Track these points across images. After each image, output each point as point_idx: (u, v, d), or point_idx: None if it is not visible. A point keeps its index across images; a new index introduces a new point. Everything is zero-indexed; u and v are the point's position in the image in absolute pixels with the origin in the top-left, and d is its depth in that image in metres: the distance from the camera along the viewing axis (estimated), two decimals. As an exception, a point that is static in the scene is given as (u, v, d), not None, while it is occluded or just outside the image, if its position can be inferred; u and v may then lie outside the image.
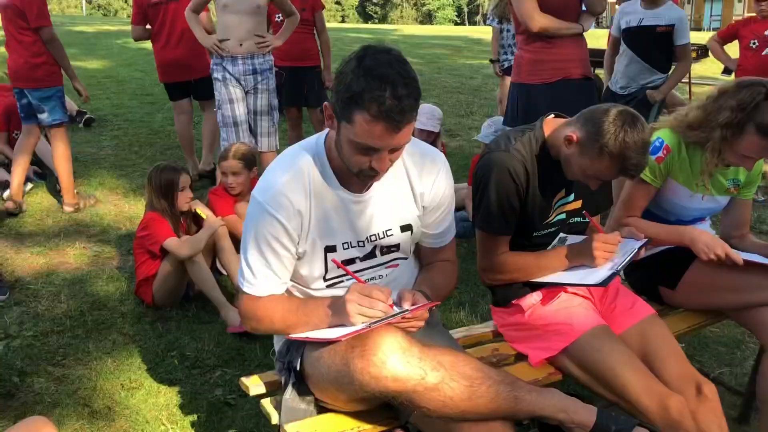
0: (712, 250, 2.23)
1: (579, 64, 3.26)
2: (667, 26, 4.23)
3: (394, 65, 1.49)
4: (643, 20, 4.22)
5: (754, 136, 2.16)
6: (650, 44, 4.30)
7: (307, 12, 4.97)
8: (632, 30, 4.30)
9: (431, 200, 1.81)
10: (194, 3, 4.28)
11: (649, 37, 4.27)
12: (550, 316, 2.10)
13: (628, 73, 4.44)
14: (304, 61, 5.11)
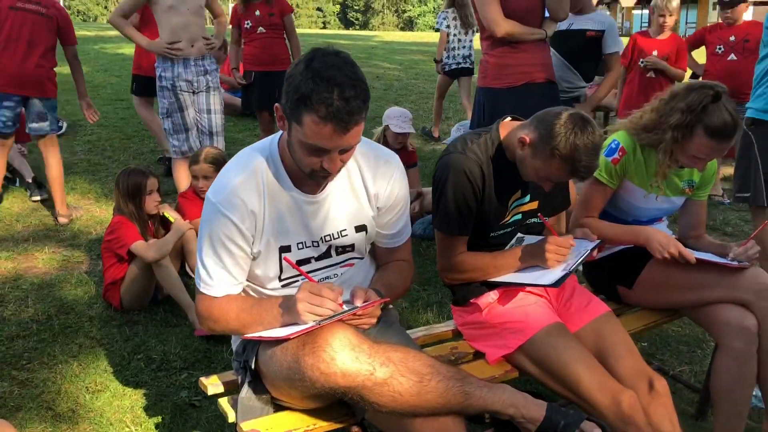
0: (666, 249, 2.29)
1: (543, 69, 3.32)
2: (597, 31, 4.11)
3: (342, 68, 1.52)
4: (572, 24, 4.10)
5: (703, 137, 2.22)
6: (579, 49, 4.16)
7: (276, 16, 5.01)
8: (561, 33, 4.07)
9: (386, 201, 1.84)
10: (125, 8, 4.19)
11: (578, 42, 4.14)
12: (506, 315, 2.14)
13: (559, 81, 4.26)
14: (275, 66, 5.12)
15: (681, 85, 2.34)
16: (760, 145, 3.30)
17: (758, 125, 3.30)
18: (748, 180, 3.36)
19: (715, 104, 2.19)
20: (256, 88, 5.08)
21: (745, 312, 2.25)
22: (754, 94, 3.35)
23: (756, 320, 2.25)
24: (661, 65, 5.17)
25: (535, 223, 2.29)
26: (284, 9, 5.16)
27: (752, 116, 3.32)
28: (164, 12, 4.11)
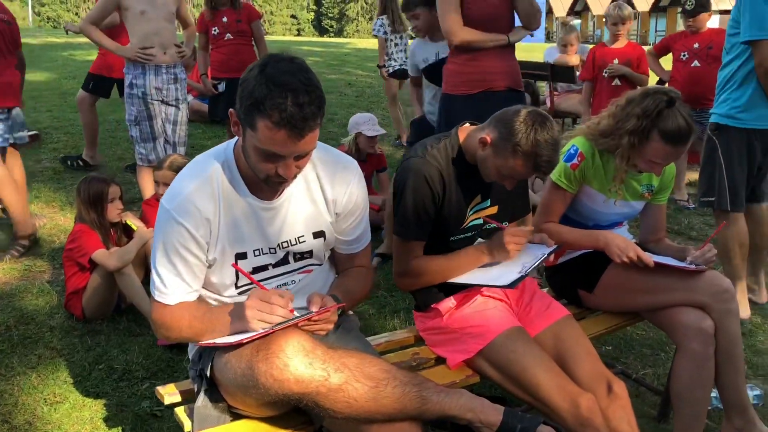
0: (625, 253, 2.31)
1: (503, 77, 3.34)
2: None
3: (296, 74, 1.52)
4: (439, 53, 4.06)
5: (658, 142, 2.25)
6: None
7: (244, 23, 4.98)
8: (433, 66, 4.08)
9: (344, 207, 1.84)
10: (94, 15, 4.13)
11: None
12: (466, 319, 2.15)
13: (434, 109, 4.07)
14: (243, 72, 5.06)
15: (637, 90, 2.37)
16: (723, 149, 3.36)
17: (722, 130, 3.36)
18: (713, 184, 3.41)
19: (669, 109, 2.23)
20: (224, 95, 5.03)
21: (703, 314, 2.29)
22: (718, 100, 3.41)
23: (713, 322, 2.28)
24: (624, 71, 5.31)
25: (496, 228, 2.30)
26: (252, 15, 5.13)
27: (716, 121, 3.38)
28: (135, 18, 4.08)
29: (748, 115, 3.30)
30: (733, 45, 3.32)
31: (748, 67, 3.24)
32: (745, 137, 3.35)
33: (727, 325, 2.29)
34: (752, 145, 3.38)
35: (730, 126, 3.34)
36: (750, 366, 3.10)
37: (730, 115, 3.33)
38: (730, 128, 3.34)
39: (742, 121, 3.31)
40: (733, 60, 3.32)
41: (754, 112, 3.30)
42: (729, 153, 3.36)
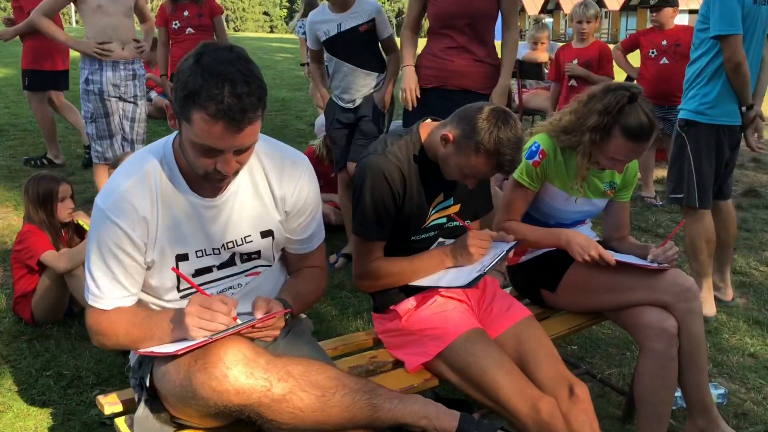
0: (586, 252, 2.26)
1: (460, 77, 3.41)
2: (368, 23, 3.76)
3: (234, 63, 1.43)
4: (341, 25, 3.75)
5: (620, 139, 2.20)
6: (359, 48, 3.81)
7: (205, 17, 4.86)
8: (334, 39, 3.80)
9: (294, 205, 1.75)
10: (46, 7, 3.98)
11: (355, 41, 3.78)
12: (425, 321, 2.08)
13: (347, 84, 3.87)
14: None
15: (598, 86, 2.32)
16: (692, 145, 3.34)
17: (691, 126, 3.34)
18: (682, 181, 3.38)
19: (631, 105, 2.18)
20: None
21: (665, 314, 2.24)
22: (686, 96, 3.39)
23: (676, 321, 2.24)
24: (580, 71, 5.12)
25: (459, 226, 2.23)
26: (214, 10, 5.00)
27: (685, 117, 3.36)
28: (92, 12, 3.93)
29: (717, 110, 3.28)
30: (702, 40, 3.30)
31: (717, 63, 3.23)
32: (714, 133, 3.33)
33: (690, 325, 2.25)
34: (720, 141, 3.37)
35: (699, 122, 3.31)
36: (715, 364, 3.08)
37: (699, 111, 3.31)
38: (699, 124, 3.32)
39: (711, 117, 3.29)
40: (702, 56, 3.30)
41: (723, 108, 3.29)
42: (698, 149, 3.34)
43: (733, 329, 3.43)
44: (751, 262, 4.32)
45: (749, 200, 5.74)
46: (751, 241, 4.72)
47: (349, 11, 3.71)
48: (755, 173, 6.65)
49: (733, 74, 3.19)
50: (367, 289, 2.17)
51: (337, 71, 3.86)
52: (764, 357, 3.17)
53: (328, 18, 3.77)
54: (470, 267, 2.07)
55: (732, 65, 3.16)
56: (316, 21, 3.83)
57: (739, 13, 3.11)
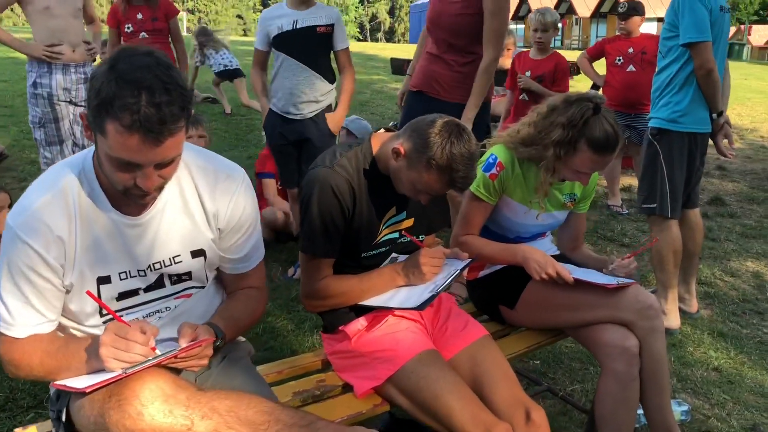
0: (543, 269, 2.17)
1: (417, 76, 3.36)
2: (326, 26, 3.54)
3: (152, 69, 1.30)
4: (298, 22, 3.50)
5: (586, 152, 2.12)
6: (313, 48, 3.55)
7: (160, 20, 4.64)
8: (288, 34, 3.50)
9: (228, 222, 1.63)
10: None
11: (310, 40, 3.54)
12: (376, 343, 1.96)
13: (295, 86, 3.55)
14: None
15: (558, 98, 2.22)
16: (665, 154, 3.28)
17: (663, 134, 3.27)
18: (655, 190, 3.32)
19: (596, 117, 2.10)
20: None
21: (627, 332, 2.16)
22: (657, 105, 3.32)
23: (637, 340, 2.16)
24: (533, 86, 4.77)
25: (411, 242, 2.13)
26: (170, 12, 4.80)
27: (657, 126, 3.29)
28: (39, 14, 3.75)
29: (689, 118, 3.23)
30: (670, 48, 3.24)
31: (687, 70, 3.19)
32: (686, 141, 3.28)
33: (652, 344, 2.17)
34: (692, 148, 3.32)
35: (672, 130, 3.25)
36: (679, 379, 3.01)
37: (671, 119, 3.25)
38: (671, 132, 3.26)
39: (684, 124, 3.24)
40: (672, 63, 3.24)
41: (695, 115, 3.24)
42: (670, 157, 3.28)
43: (697, 342, 3.38)
44: (715, 272, 4.29)
45: (715, 209, 5.74)
46: (715, 250, 4.70)
47: (307, 10, 3.52)
48: (720, 181, 6.67)
49: (704, 81, 3.15)
50: (315, 309, 2.06)
51: (285, 71, 3.54)
52: (728, 371, 3.12)
53: (283, 13, 3.54)
54: (423, 286, 1.97)
55: (704, 72, 3.11)
56: (270, 17, 3.57)
57: (708, 20, 3.07)
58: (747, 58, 32.09)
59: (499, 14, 3.07)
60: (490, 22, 3.08)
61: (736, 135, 8.81)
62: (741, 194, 6.23)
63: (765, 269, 4.42)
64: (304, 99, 3.54)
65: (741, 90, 12.55)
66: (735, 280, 4.20)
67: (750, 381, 3.05)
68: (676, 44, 3.19)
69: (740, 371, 3.13)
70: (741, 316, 3.73)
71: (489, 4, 3.06)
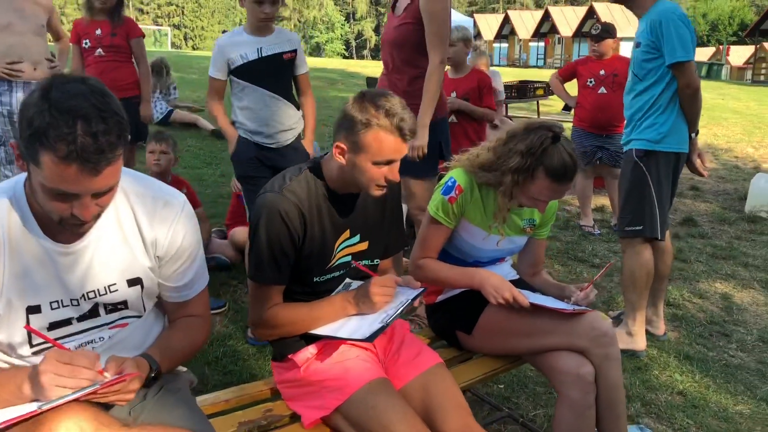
0: (500, 294, 2.15)
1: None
2: (291, 52, 3.45)
3: (88, 97, 1.27)
4: (263, 50, 3.36)
5: (544, 180, 2.12)
6: (281, 76, 3.47)
7: (119, 37, 4.48)
8: (254, 63, 3.36)
9: (167, 250, 1.59)
10: None
11: (278, 68, 3.43)
12: (325, 372, 1.93)
13: (267, 116, 3.42)
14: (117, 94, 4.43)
15: (519, 125, 2.22)
16: (653, 176, 3.26)
17: (650, 156, 3.25)
18: (642, 213, 3.29)
19: (554, 146, 2.10)
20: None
21: (582, 360, 2.14)
22: (640, 127, 3.29)
23: (592, 368, 2.14)
24: (461, 105, 4.54)
25: (367, 265, 2.10)
26: (131, 32, 4.62)
27: (643, 148, 3.27)
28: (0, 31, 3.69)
29: (673, 138, 3.23)
30: (649, 70, 3.23)
31: (671, 91, 3.19)
32: (672, 161, 3.28)
33: (607, 371, 2.16)
34: (677, 169, 3.33)
35: (659, 151, 3.24)
36: (643, 403, 3.00)
37: (656, 140, 3.23)
38: (658, 153, 3.25)
39: (669, 144, 3.24)
40: (653, 85, 3.23)
41: (678, 136, 3.25)
42: (659, 179, 3.27)
43: (663, 365, 3.37)
44: (684, 294, 4.29)
45: (686, 229, 5.77)
46: (685, 271, 4.71)
47: (269, 36, 3.40)
48: (693, 201, 6.72)
49: (691, 100, 3.16)
50: (265, 338, 2.02)
51: (255, 102, 3.39)
52: (693, 395, 3.10)
53: (244, 40, 3.38)
54: (373, 316, 1.93)
55: (691, 91, 3.13)
56: (230, 44, 3.39)
57: (690, 40, 3.10)
58: (726, 78, 32.57)
59: (435, 17, 3.09)
60: (429, 27, 3.11)
61: (711, 155, 8.90)
62: (713, 215, 6.27)
63: (733, 291, 4.44)
64: (280, 129, 3.45)
65: (718, 110, 12.69)
66: (703, 302, 4.21)
67: (714, 405, 3.03)
68: (657, 66, 3.18)
69: (705, 395, 3.11)
70: (708, 338, 3.73)
71: (424, 9, 3.09)
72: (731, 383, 3.23)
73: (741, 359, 3.50)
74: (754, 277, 4.69)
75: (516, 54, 45.17)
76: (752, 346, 3.66)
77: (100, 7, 4.27)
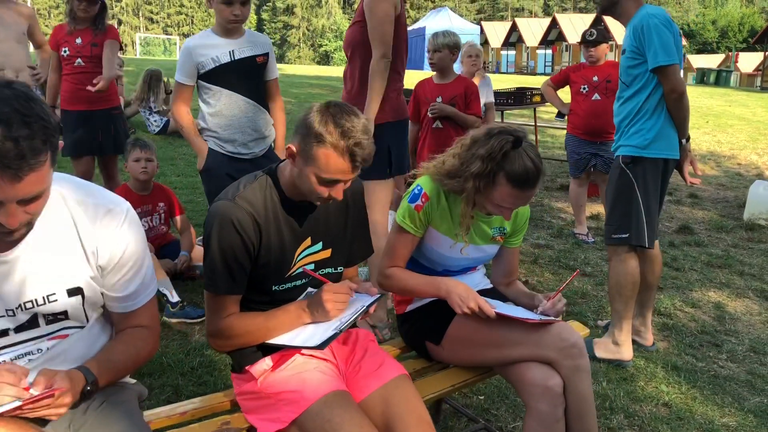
0: (465, 303, 2.10)
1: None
2: (263, 55, 3.34)
3: (10, 101, 1.25)
4: (235, 53, 3.23)
5: (505, 186, 2.06)
6: (255, 80, 3.34)
7: (100, 47, 4.38)
8: (227, 67, 3.22)
9: (110, 259, 1.56)
10: None
11: (252, 72, 3.31)
12: (281, 383, 1.88)
13: (243, 124, 3.30)
14: (96, 104, 4.37)
15: (481, 130, 2.17)
16: (639, 182, 3.21)
17: (637, 163, 3.20)
18: (628, 220, 3.23)
19: (515, 151, 2.04)
20: (73, 130, 4.34)
21: (550, 371, 2.09)
22: (628, 133, 3.24)
23: (561, 380, 2.09)
24: (448, 111, 4.38)
25: (330, 273, 2.06)
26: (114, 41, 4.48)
27: (630, 154, 3.21)
28: None
29: (660, 144, 3.18)
30: (635, 77, 3.18)
31: (657, 96, 3.13)
32: (659, 168, 3.22)
33: (577, 383, 2.10)
34: (665, 175, 3.28)
35: (645, 157, 3.18)
36: (626, 415, 2.93)
37: (643, 146, 3.18)
38: (645, 159, 3.19)
39: (656, 150, 3.18)
40: (639, 91, 3.18)
41: (665, 141, 3.19)
42: (646, 185, 3.21)
43: (649, 376, 3.30)
44: (676, 303, 4.22)
45: (682, 237, 5.69)
46: (679, 280, 4.63)
47: (240, 39, 3.28)
48: (691, 209, 6.63)
49: (676, 105, 3.11)
50: (221, 348, 1.98)
51: (229, 108, 3.25)
52: (678, 406, 3.04)
53: (215, 42, 3.22)
54: (327, 324, 1.89)
55: (676, 95, 3.07)
56: (200, 46, 3.21)
57: (673, 44, 3.05)
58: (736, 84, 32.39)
59: (374, 14, 3.10)
60: (369, 23, 3.11)
61: (713, 162, 8.81)
62: (710, 222, 6.19)
63: (727, 300, 4.36)
64: (255, 136, 3.36)
65: (724, 117, 12.60)
66: (695, 311, 4.13)
67: (700, 417, 2.96)
68: (642, 71, 3.13)
69: (691, 407, 3.04)
70: (698, 348, 3.65)
71: (366, 6, 3.12)
72: (719, 395, 3.16)
73: (731, 370, 3.43)
74: (749, 286, 4.61)
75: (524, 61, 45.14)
76: (743, 357, 3.58)
77: (83, 16, 4.23)
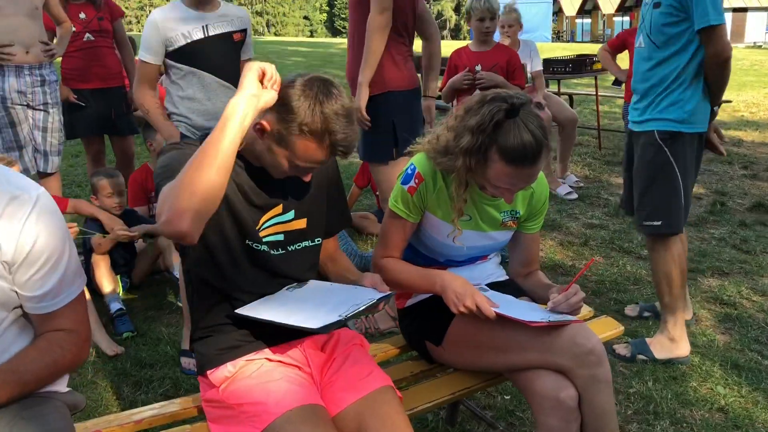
0: (461, 301, 1.81)
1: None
2: (240, 32, 2.95)
3: None
4: (209, 28, 2.83)
5: (498, 162, 1.74)
6: (230, 60, 2.95)
7: (106, 21, 4.26)
8: (199, 44, 2.82)
9: (15, 254, 1.35)
10: None
11: (228, 51, 2.93)
12: (244, 394, 1.66)
13: (219, 108, 2.81)
14: (108, 81, 4.28)
15: (475, 97, 1.84)
16: (678, 161, 2.82)
17: (676, 139, 2.80)
18: (665, 205, 2.85)
19: (510, 121, 1.71)
20: (85, 108, 4.23)
21: (563, 381, 1.78)
22: (661, 105, 2.83)
23: (575, 391, 1.78)
24: (498, 80, 4.02)
25: (308, 247, 1.82)
26: (115, 13, 4.42)
27: (668, 129, 2.81)
28: None
29: (699, 117, 2.80)
30: (671, 36, 2.76)
31: (696, 61, 2.73)
32: (696, 143, 2.85)
33: (594, 395, 1.78)
34: (700, 152, 2.90)
35: (685, 132, 2.80)
36: (672, 421, 2.57)
37: (683, 120, 2.78)
38: (684, 135, 2.80)
39: (694, 125, 2.80)
40: (677, 54, 2.76)
41: (702, 114, 2.81)
42: (684, 165, 2.83)
43: (705, 375, 2.91)
44: (743, 290, 3.76)
45: (756, 215, 5.12)
46: (748, 264, 4.14)
47: (215, 12, 2.86)
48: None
49: (720, 70, 2.71)
50: None
51: (201, 91, 2.87)
52: (736, 412, 2.65)
53: (185, 16, 2.80)
54: (335, 308, 1.66)
55: (723, 59, 2.67)
56: (167, 19, 2.78)
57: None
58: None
59: None
60: None
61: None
62: (793, 198, 5.57)
63: (805, 287, 3.86)
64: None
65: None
66: (765, 301, 3.67)
67: (761, 426, 2.57)
68: (682, 31, 2.71)
69: (751, 413, 2.65)
70: (765, 344, 3.22)
71: None
72: (787, 400, 2.76)
73: (803, 370, 2.99)
74: (832, 271, 4.08)
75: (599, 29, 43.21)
76: (819, 355, 3.13)
77: None
